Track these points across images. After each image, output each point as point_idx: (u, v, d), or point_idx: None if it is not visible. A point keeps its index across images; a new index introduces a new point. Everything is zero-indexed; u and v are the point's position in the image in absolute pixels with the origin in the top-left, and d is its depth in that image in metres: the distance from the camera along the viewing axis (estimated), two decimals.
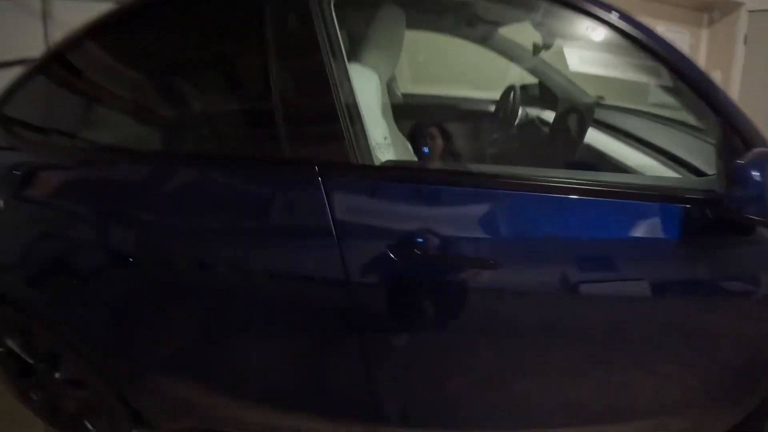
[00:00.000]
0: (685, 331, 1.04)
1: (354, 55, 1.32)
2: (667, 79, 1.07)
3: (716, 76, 3.59)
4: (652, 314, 1.02)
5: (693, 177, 1.18)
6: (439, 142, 1.62)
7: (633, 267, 0.99)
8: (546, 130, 1.87)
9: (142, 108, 1.28)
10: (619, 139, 1.57)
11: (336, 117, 1.00)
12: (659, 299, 1.01)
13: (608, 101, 1.91)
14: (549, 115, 1.96)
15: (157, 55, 1.24)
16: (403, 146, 1.39)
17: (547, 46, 1.68)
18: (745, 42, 4.58)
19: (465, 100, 2.16)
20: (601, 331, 1.03)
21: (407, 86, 2.25)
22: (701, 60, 4.73)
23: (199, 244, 1.07)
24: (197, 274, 1.09)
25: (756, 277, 1.02)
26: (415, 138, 1.48)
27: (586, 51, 1.27)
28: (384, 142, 1.17)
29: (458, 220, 0.98)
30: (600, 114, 1.67)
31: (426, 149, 1.71)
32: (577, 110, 1.61)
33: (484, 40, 2.00)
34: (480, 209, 0.99)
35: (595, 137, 1.60)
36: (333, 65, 1.02)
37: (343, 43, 1.05)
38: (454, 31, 2.01)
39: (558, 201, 0.98)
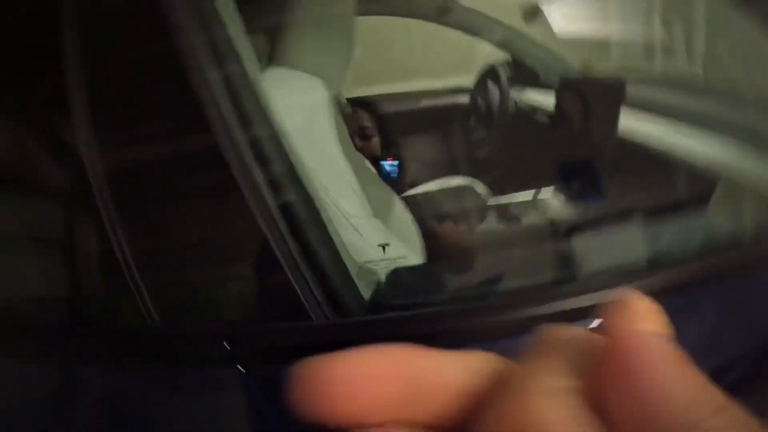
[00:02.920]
0: None
1: (279, 55, 0.79)
2: None
3: None
4: None
5: None
6: (375, 141, 1.14)
7: None
8: (545, 119, 1.41)
9: None
10: (664, 124, 1.14)
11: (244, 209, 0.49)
12: None
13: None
14: (539, 99, 1.50)
15: None
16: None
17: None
18: None
19: (425, 94, 1.67)
20: None
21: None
22: None
23: None
24: None
25: None
26: None
27: None
28: (373, 231, 0.66)
29: None
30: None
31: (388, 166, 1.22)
32: (599, 87, 1.16)
33: (440, 15, 1.53)
34: None
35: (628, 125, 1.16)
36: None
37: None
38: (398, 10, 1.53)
39: None
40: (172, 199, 0.55)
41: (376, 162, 1.18)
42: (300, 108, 0.67)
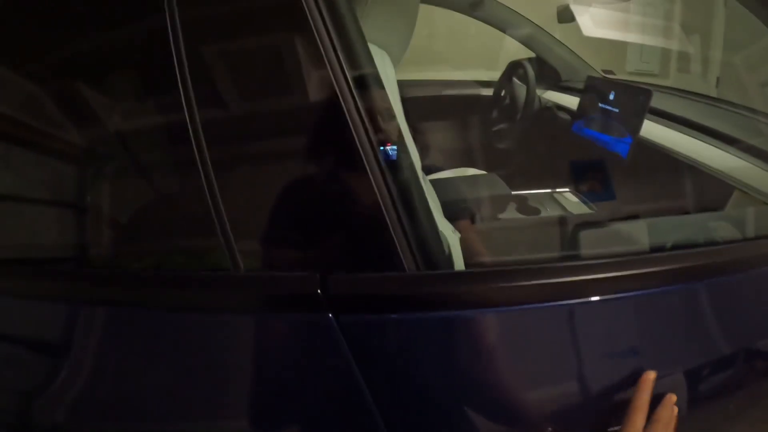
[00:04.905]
0: None
1: None
2: None
3: None
4: None
5: None
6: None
7: None
8: (567, 118, 1.47)
9: None
10: (683, 131, 1.20)
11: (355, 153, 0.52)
12: None
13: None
14: (561, 98, 1.56)
15: None
16: None
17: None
18: None
19: (451, 83, 1.72)
20: None
21: None
22: None
23: None
24: None
25: None
26: None
27: None
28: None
29: None
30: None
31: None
32: (627, 93, 1.21)
33: (473, 8, 1.57)
34: None
35: (651, 130, 1.22)
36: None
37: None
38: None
39: None
40: (277, 155, 0.57)
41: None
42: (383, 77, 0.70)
